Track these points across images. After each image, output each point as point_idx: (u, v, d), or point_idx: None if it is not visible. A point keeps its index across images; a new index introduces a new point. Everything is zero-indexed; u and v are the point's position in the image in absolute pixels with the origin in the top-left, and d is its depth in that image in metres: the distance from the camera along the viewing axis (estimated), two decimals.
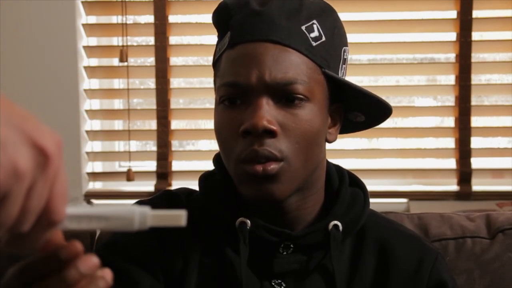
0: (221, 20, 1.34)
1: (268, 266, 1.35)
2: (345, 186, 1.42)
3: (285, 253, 1.35)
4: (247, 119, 1.25)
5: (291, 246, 1.35)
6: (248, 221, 1.33)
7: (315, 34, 1.31)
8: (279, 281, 1.35)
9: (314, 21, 1.31)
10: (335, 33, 1.34)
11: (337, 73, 1.35)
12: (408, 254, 1.42)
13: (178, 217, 0.86)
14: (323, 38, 1.31)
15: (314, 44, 1.30)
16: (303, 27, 1.30)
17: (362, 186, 1.46)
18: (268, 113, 1.26)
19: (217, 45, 1.36)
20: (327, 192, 1.41)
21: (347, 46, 1.38)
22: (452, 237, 1.76)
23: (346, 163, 1.52)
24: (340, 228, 1.36)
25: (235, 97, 1.28)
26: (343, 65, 1.37)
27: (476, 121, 2.63)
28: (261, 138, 1.25)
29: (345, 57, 1.38)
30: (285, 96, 1.27)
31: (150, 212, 0.83)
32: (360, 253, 1.41)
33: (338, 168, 1.45)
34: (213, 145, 2.66)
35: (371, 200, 1.49)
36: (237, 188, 1.37)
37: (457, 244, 1.75)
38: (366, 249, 1.42)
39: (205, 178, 1.44)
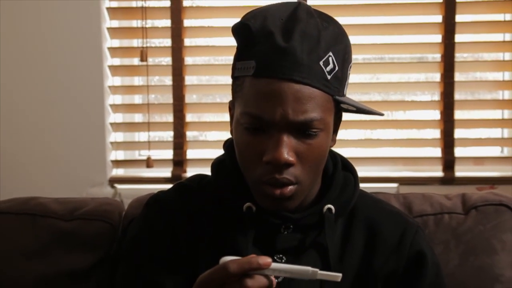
0: (243, 40, 1.35)
1: (271, 244, 1.40)
2: (338, 172, 1.46)
3: (286, 232, 1.41)
4: (270, 151, 1.28)
5: (291, 226, 1.40)
6: (254, 207, 1.38)
7: (330, 67, 1.31)
8: (280, 255, 1.41)
9: (330, 53, 1.31)
10: (346, 58, 1.35)
11: (344, 90, 1.37)
12: (392, 229, 1.46)
13: (336, 277, 1.18)
14: (336, 68, 1.32)
15: (329, 77, 1.30)
16: (321, 63, 1.29)
17: (353, 171, 1.50)
18: (288, 146, 1.28)
19: (237, 59, 1.37)
20: (322, 176, 1.44)
21: (351, 61, 1.39)
22: (432, 213, 1.80)
23: (344, 152, 1.58)
24: (333, 210, 1.41)
25: (258, 127, 1.30)
26: (347, 81, 1.39)
27: (459, 114, 2.66)
28: (281, 168, 1.29)
29: (349, 72, 1.39)
30: (303, 131, 1.29)
31: (319, 271, 1.16)
32: (350, 231, 1.46)
33: (332, 154, 1.49)
34: (223, 136, 2.67)
35: (366, 185, 1.55)
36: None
37: (436, 219, 1.80)
38: (356, 227, 1.46)
39: (216, 164, 1.49)
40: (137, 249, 1.49)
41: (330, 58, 1.30)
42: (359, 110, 1.37)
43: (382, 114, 1.42)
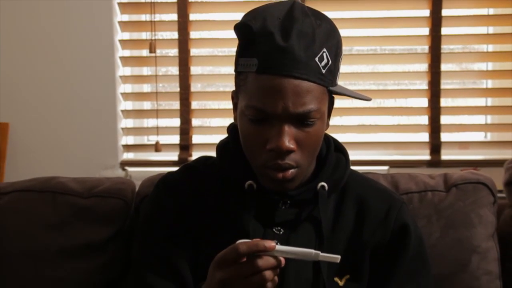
0: (245, 39, 1.36)
1: (270, 218, 1.43)
2: (331, 153, 1.49)
3: (283, 207, 1.44)
4: (273, 140, 1.32)
5: (288, 202, 1.43)
6: (255, 184, 1.43)
7: (324, 62, 1.34)
8: (278, 228, 1.44)
9: (324, 50, 1.34)
10: (338, 52, 1.38)
11: (336, 80, 1.40)
12: (380, 205, 1.49)
13: (335, 258, 1.24)
14: (330, 62, 1.35)
15: (324, 71, 1.33)
16: (316, 59, 1.32)
17: (344, 152, 1.53)
18: (289, 135, 1.32)
19: (240, 55, 1.39)
20: (316, 157, 1.46)
21: (342, 53, 1.41)
22: (417, 191, 1.81)
23: (339, 137, 1.61)
24: (326, 188, 1.44)
25: (261, 118, 1.33)
26: (339, 71, 1.41)
27: (445, 101, 2.69)
28: (283, 154, 1.33)
29: (340, 64, 1.41)
30: (302, 121, 1.33)
31: (321, 253, 1.22)
32: (342, 206, 1.49)
33: (325, 137, 1.49)
34: (225, 122, 2.64)
35: (359, 167, 1.58)
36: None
37: (420, 196, 1.80)
38: (347, 202, 1.49)
39: (221, 146, 1.52)
40: (148, 227, 1.52)
41: (324, 54, 1.34)
42: (350, 96, 1.42)
43: (369, 99, 1.46)
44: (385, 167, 2.63)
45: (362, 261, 1.48)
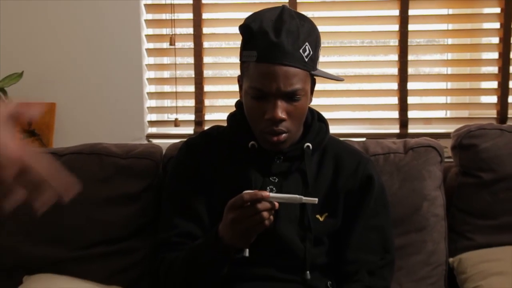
0: (247, 36, 1.49)
1: (268, 169, 1.61)
2: (315, 122, 1.66)
3: (278, 161, 1.61)
4: (269, 112, 1.48)
5: (282, 157, 1.60)
6: (256, 144, 1.59)
7: (307, 53, 1.48)
8: (274, 177, 1.61)
9: (306, 43, 1.48)
10: (317, 45, 1.52)
11: (316, 66, 1.53)
12: (351, 161, 1.66)
13: (314, 200, 1.41)
14: (311, 53, 1.49)
15: (306, 60, 1.48)
16: (300, 50, 1.47)
17: (325, 122, 1.69)
18: (281, 108, 1.48)
19: (243, 48, 1.50)
20: (303, 124, 1.63)
21: (321, 44, 1.55)
22: (382, 153, 2.00)
23: (326, 114, 1.74)
24: (310, 147, 1.61)
25: (260, 96, 1.49)
26: (319, 59, 1.56)
27: (411, 85, 2.73)
28: (277, 123, 1.49)
29: (319, 53, 1.55)
30: (291, 97, 1.48)
31: (303, 197, 1.38)
32: (323, 162, 1.66)
33: (311, 110, 1.67)
34: (232, 102, 2.34)
35: (341, 139, 1.73)
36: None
37: (385, 157, 2.00)
38: (326, 159, 1.66)
39: (230, 116, 1.69)
40: (174, 181, 1.68)
41: (306, 47, 1.50)
42: (326, 77, 1.58)
43: (342, 79, 1.62)
44: (363, 139, 2.55)
45: (337, 203, 1.64)
